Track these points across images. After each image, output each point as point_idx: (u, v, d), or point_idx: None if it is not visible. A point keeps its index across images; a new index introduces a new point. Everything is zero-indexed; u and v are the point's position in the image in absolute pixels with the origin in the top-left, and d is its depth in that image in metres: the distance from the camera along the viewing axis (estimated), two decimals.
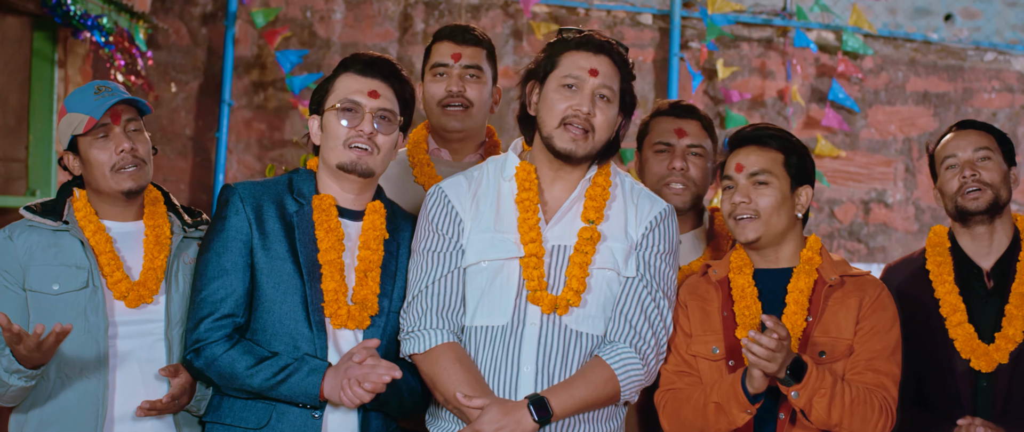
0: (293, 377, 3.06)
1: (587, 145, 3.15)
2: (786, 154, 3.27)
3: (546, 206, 3.22)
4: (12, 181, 5.34)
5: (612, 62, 3.18)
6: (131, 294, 3.17)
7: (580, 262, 3.15)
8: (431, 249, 3.20)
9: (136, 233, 3.26)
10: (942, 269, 3.61)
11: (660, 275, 3.21)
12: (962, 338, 3.54)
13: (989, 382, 3.51)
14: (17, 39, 5.25)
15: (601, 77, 3.15)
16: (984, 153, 3.62)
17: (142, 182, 3.21)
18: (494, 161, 3.31)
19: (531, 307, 3.15)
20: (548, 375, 3.13)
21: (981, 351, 3.52)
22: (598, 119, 3.15)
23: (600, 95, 3.15)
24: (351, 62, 3.26)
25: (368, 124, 3.17)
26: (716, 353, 3.24)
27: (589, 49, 3.17)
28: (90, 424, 3.11)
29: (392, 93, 3.23)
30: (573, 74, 3.15)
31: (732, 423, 3.11)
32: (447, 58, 3.72)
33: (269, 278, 3.15)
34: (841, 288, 3.24)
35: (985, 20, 7.04)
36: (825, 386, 3.04)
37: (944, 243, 3.67)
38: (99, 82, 3.26)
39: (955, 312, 3.56)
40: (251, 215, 3.17)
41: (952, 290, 3.57)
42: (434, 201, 3.24)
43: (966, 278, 3.61)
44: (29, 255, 3.14)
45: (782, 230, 3.26)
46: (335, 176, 3.22)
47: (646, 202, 3.27)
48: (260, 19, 6.25)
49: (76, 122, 3.18)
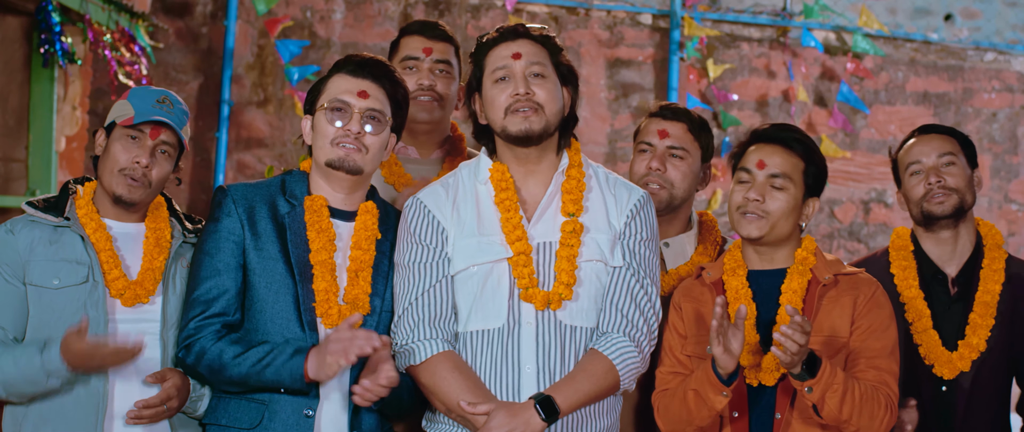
0: (277, 360, 3.08)
1: (541, 119, 3.18)
2: (807, 163, 3.28)
3: (525, 205, 3.24)
4: (12, 181, 5.35)
5: (532, 41, 3.23)
6: (127, 293, 3.18)
7: (567, 256, 3.16)
8: (416, 261, 3.20)
9: (136, 235, 3.28)
10: (907, 273, 3.63)
11: (645, 262, 3.23)
12: (927, 344, 3.56)
13: (950, 388, 3.52)
14: (17, 39, 5.26)
15: (526, 57, 3.20)
16: (948, 158, 3.63)
17: (135, 198, 3.21)
18: (467, 166, 3.33)
19: (525, 306, 3.15)
20: (549, 372, 3.13)
21: (944, 358, 3.55)
22: (540, 95, 3.18)
23: (532, 74, 3.19)
24: (344, 63, 3.28)
25: (356, 124, 3.19)
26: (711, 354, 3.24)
27: (505, 39, 3.23)
28: (91, 420, 3.12)
29: (383, 94, 3.24)
30: (499, 65, 3.20)
31: (712, 408, 3.12)
32: (418, 52, 3.78)
33: (261, 278, 3.17)
34: (835, 287, 3.24)
35: (985, 20, 7.04)
36: (838, 382, 3.05)
37: (907, 246, 3.68)
38: (166, 92, 3.28)
39: (921, 318, 3.58)
40: (243, 216, 3.19)
41: (917, 295, 3.59)
42: (414, 213, 3.24)
43: (930, 283, 3.62)
44: (30, 249, 3.15)
45: (784, 236, 3.26)
46: (326, 175, 3.24)
47: (623, 191, 3.29)
48: (262, 6, 6.25)
49: (124, 111, 3.22)
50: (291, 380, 3.08)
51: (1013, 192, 7.06)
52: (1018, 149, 7.07)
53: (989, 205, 7.04)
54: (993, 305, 3.58)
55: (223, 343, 3.12)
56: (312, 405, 3.14)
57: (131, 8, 5.59)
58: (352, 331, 3.03)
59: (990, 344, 3.56)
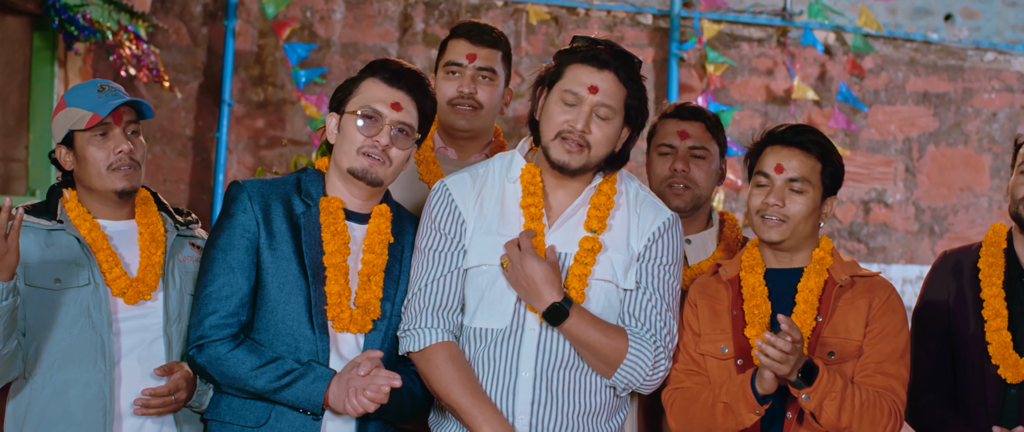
0: (298, 383, 3.06)
1: (582, 158, 3.13)
2: (824, 164, 3.26)
3: (550, 210, 3.21)
4: (12, 181, 5.34)
5: (616, 78, 3.14)
6: (130, 290, 3.17)
7: (579, 274, 3.15)
8: (432, 248, 3.20)
9: (129, 232, 3.26)
10: (993, 270, 3.57)
11: (663, 285, 3.21)
12: (997, 344, 3.50)
13: (1018, 391, 3.49)
14: (17, 39, 5.25)
15: (601, 94, 3.12)
16: None
17: (135, 183, 3.21)
18: (500, 159, 3.30)
19: (531, 312, 3.14)
20: (546, 380, 3.12)
21: (1011, 361, 3.50)
22: (594, 135, 3.12)
23: (598, 113, 3.12)
24: (380, 68, 3.23)
25: (385, 136, 3.16)
26: (725, 352, 3.23)
27: (593, 64, 3.14)
28: (98, 421, 3.11)
29: (414, 107, 3.21)
30: (573, 89, 3.13)
31: (740, 423, 3.11)
32: (461, 58, 3.68)
33: (274, 278, 3.15)
34: (851, 289, 3.23)
35: (985, 20, 7.05)
36: (835, 389, 3.04)
37: (1000, 243, 3.62)
38: (102, 80, 3.26)
39: (997, 317, 3.52)
40: (259, 214, 3.17)
41: (998, 294, 3.53)
42: (438, 198, 3.23)
43: (1014, 284, 3.58)
44: (27, 252, 3.12)
45: (804, 236, 3.26)
46: (344, 179, 3.21)
47: (649, 212, 3.25)
48: (271, 9, 6.24)
49: (76, 117, 3.17)
50: (309, 404, 3.07)
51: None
52: None
53: (989, 205, 7.05)
54: None
55: (240, 352, 3.09)
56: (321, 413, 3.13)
57: (131, 8, 5.59)
58: (372, 372, 3.02)
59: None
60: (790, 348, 2.94)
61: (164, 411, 3.17)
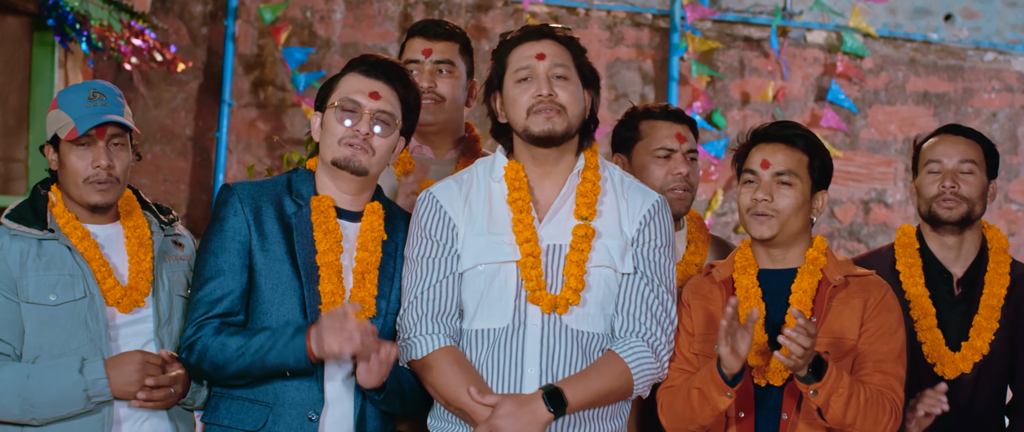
0: (279, 343, 3.06)
1: (563, 121, 3.16)
2: (811, 157, 3.27)
3: (538, 205, 3.22)
4: (12, 181, 5.34)
5: (556, 42, 3.21)
6: (125, 299, 3.15)
7: (577, 261, 3.15)
8: (425, 256, 3.20)
9: (116, 236, 3.23)
10: (913, 270, 3.62)
11: (660, 269, 3.22)
12: (930, 343, 3.56)
13: (950, 386, 3.52)
14: (17, 39, 5.26)
15: (549, 58, 3.18)
16: (969, 166, 3.62)
17: (111, 199, 3.17)
18: (483, 163, 3.32)
19: (531, 308, 3.14)
20: (552, 375, 3.12)
21: (947, 358, 3.55)
22: (562, 96, 3.16)
23: (555, 75, 3.18)
24: (358, 62, 3.26)
25: (366, 125, 3.17)
26: None
27: (529, 38, 3.21)
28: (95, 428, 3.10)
29: (395, 96, 3.22)
30: (522, 66, 3.18)
31: (715, 408, 3.11)
32: (418, 54, 3.73)
33: (267, 279, 3.15)
34: (845, 288, 3.24)
35: (985, 20, 7.05)
36: (843, 385, 3.04)
37: (913, 243, 3.68)
38: (96, 85, 3.21)
39: (926, 316, 3.58)
40: (250, 216, 3.17)
41: (923, 293, 3.59)
42: (426, 207, 3.24)
43: (935, 281, 3.62)
44: (21, 265, 3.09)
45: (796, 232, 3.26)
46: (332, 174, 3.22)
47: (637, 195, 3.27)
48: (268, 14, 6.24)
49: (62, 122, 3.14)
50: (296, 361, 3.06)
51: (1013, 192, 7.07)
52: (1018, 149, 7.07)
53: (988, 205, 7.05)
54: (998, 308, 3.58)
55: (223, 336, 3.10)
56: (317, 408, 3.13)
57: (131, 8, 5.59)
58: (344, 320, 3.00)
59: (992, 347, 3.57)
60: (810, 342, 2.95)
61: (164, 404, 3.15)
